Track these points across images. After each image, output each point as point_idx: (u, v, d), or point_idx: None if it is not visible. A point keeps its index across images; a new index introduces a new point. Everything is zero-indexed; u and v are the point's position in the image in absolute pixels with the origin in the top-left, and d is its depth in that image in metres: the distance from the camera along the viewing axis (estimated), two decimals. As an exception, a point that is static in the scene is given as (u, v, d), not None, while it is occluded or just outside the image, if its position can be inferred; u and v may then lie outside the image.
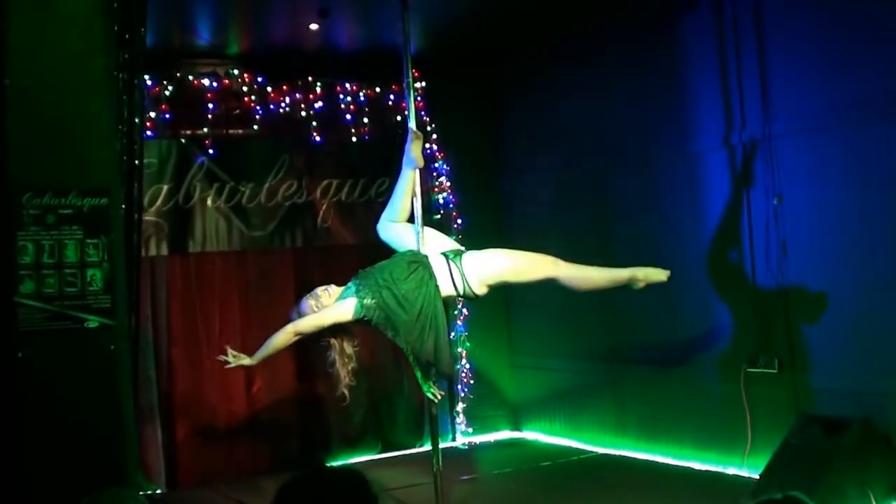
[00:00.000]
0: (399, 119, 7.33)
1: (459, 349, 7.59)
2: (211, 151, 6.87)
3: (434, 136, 7.54)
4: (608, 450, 6.90)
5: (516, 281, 4.87)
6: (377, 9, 6.28)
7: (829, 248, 5.42)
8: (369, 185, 7.37)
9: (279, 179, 7.11)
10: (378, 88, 7.40)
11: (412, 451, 7.40)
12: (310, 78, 7.21)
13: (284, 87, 7.12)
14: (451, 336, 7.41)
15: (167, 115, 6.74)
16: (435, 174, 7.59)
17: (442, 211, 7.58)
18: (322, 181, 7.27)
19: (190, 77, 6.84)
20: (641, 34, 6.57)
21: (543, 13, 6.72)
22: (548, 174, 7.47)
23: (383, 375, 7.42)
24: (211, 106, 6.87)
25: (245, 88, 7.00)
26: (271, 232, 7.11)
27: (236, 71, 6.99)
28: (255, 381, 7.03)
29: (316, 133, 7.21)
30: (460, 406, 7.63)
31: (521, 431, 7.84)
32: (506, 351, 7.95)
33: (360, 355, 7.17)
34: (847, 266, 5.34)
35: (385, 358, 7.22)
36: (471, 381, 7.65)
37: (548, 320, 7.52)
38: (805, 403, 5.53)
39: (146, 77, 5.65)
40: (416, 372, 4.99)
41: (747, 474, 5.72)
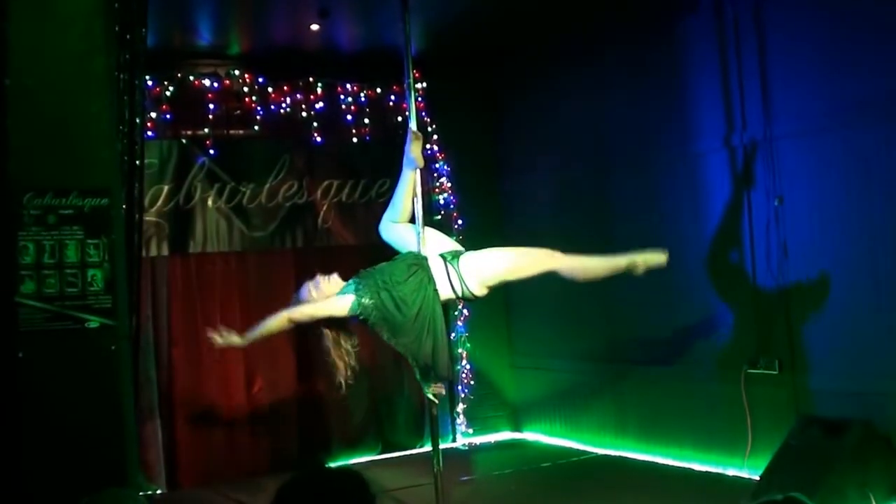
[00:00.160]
0: (400, 120, 7.33)
1: (460, 350, 7.59)
2: (212, 152, 6.87)
3: (435, 137, 7.55)
4: (608, 451, 6.90)
5: (516, 278, 4.84)
6: (378, 9, 6.29)
7: (830, 250, 5.41)
8: (370, 186, 7.38)
9: (280, 180, 7.11)
10: (379, 89, 7.41)
11: (412, 452, 7.39)
12: (310, 78, 7.21)
13: (285, 88, 7.12)
14: (452, 337, 7.42)
15: (168, 116, 6.74)
16: (435, 175, 7.59)
17: (443, 212, 7.58)
18: (323, 182, 7.28)
19: (191, 77, 6.85)
20: (642, 34, 6.57)
21: (543, 13, 6.72)
22: (548, 174, 7.47)
23: (383, 376, 7.42)
24: (212, 106, 6.87)
25: (246, 89, 7.00)
26: (272, 232, 7.11)
27: (237, 71, 7.00)
28: (256, 382, 7.04)
29: (317, 133, 7.22)
30: (461, 407, 7.63)
31: (522, 432, 7.83)
32: (506, 352, 7.95)
33: (361, 356, 7.22)
34: (847, 267, 5.33)
35: (385, 358, 7.21)
36: (471, 382, 7.65)
37: (548, 321, 7.52)
38: (805, 404, 5.53)
39: (147, 77, 5.64)
40: (416, 373, 4.98)
41: (747, 475, 5.71)
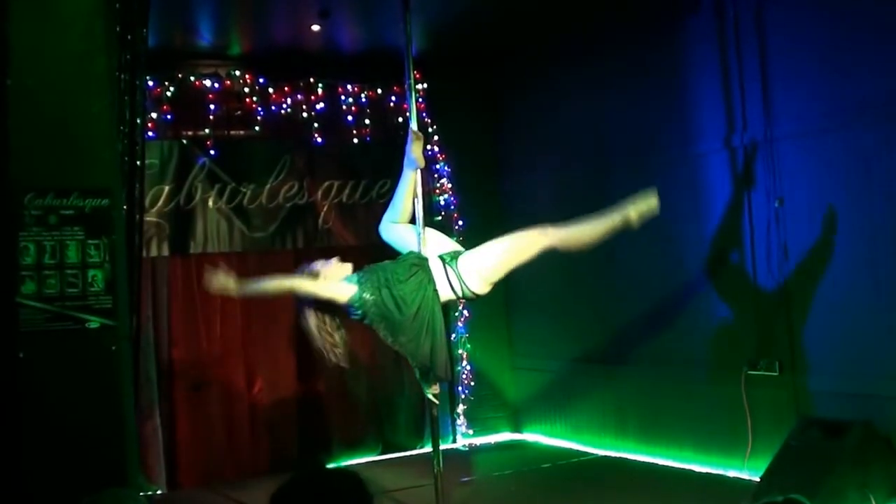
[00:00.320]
0: (400, 120, 7.33)
1: (460, 351, 7.59)
2: (212, 152, 6.87)
3: (435, 138, 7.55)
4: (608, 452, 6.89)
5: (516, 264, 4.76)
6: (378, 10, 6.29)
7: (830, 250, 5.41)
8: (370, 187, 7.37)
9: (280, 180, 7.11)
10: (379, 90, 7.40)
11: (413, 453, 7.39)
12: (311, 79, 7.21)
13: (286, 89, 7.12)
14: (452, 338, 7.42)
15: (168, 116, 6.74)
16: (436, 176, 7.59)
17: (443, 212, 7.58)
18: (323, 182, 7.28)
19: (191, 78, 6.85)
20: (642, 35, 6.57)
21: (544, 14, 6.72)
22: (548, 175, 7.46)
23: (384, 376, 7.42)
24: (212, 107, 6.87)
25: (246, 89, 7.00)
26: (272, 233, 7.11)
27: (238, 72, 7.00)
28: (256, 382, 7.04)
29: (317, 134, 7.22)
30: (461, 408, 7.63)
31: (522, 433, 7.83)
32: (506, 353, 7.94)
33: (361, 357, 7.26)
34: (848, 268, 5.33)
35: (385, 359, 7.22)
36: (471, 383, 7.65)
37: (548, 322, 7.52)
38: (805, 406, 5.53)
39: (148, 78, 5.65)
40: (416, 373, 4.99)
41: (748, 477, 5.71)
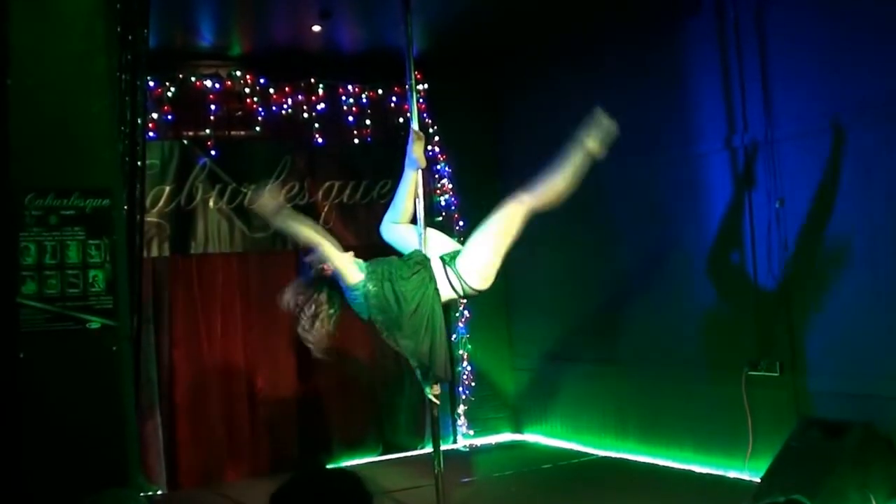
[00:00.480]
0: (401, 121, 7.33)
1: (461, 351, 7.59)
2: (213, 153, 6.87)
3: (436, 138, 7.54)
4: (609, 452, 6.89)
5: (509, 244, 4.68)
6: (379, 10, 6.29)
7: (831, 251, 5.41)
8: (371, 187, 7.37)
9: (281, 181, 7.11)
10: (380, 90, 7.40)
11: (413, 453, 7.38)
12: (312, 79, 7.21)
13: (287, 89, 7.12)
14: (453, 339, 7.42)
15: (169, 117, 6.74)
16: (437, 176, 7.59)
17: (444, 213, 7.58)
18: (324, 183, 7.28)
19: (192, 78, 6.85)
20: (642, 35, 6.57)
21: (544, 14, 6.71)
22: (549, 176, 7.45)
23: (384, 377, 7.41)
24: (213, 107, 6.87)
25: (247, 90, 7.00)
26: (273, 234, 7.10)
27: (238, 72, 7.00)
28: (257, 383, 7.04)
29: (318, 135, 7.22)
30: (461, 408, 7.63)
31: (522, 434, 7.83)
32: (507, 353, 7.94)
33: (362, 358, 7.26)
34: (848, 269, 5.32)
35: (386, 360, 7.22)
36: (472, 384, 7.65)
37: (549, 323, 7.52)
38: (806, 406, 5.52)
39: (148, 78, 5.65)
40: (417, 373, 4.99)
41: (748, 478, 5.71)
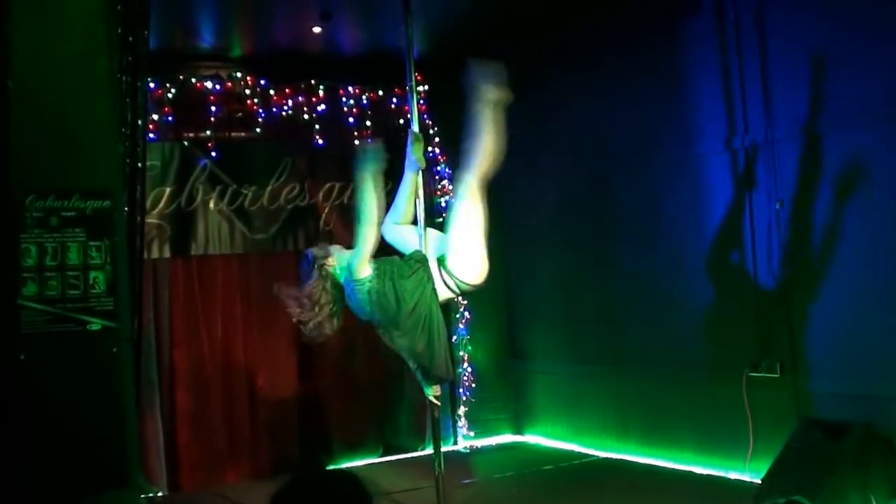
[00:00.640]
0: (402, 122, 7.33)
1: (461, 352, 7.59)
2: (213, 154, 6.87)
3: (437, 140, 7.54)
4: (610, 454, 6.89)
5: (483, 225, 4.67)
6: (379, 12, 6.29)
7: (831, 252, 5.41)
8: (372, 188, 7.36)
9: (282, 182, 7.12)
10: (381, 91, 7.40)
11: (414, 455, 7.38)
12: (312, 81, 7.21)
13: (287, 90, 7.13)
14: (454, 340, 7.42)
15: (170, 118, 6.75)
16: (437, 177, 7.59)
17: (444, 214, 7.57)
18: (324, 184, 7.28)
19: (193, 80, 6.85)
20: (643, 36, 6.57)
21: (544, 15, 6.71)
22: (550, 176, 7.46)
23: (385, 379, 7.41)
24: (214, 108, 6.87)
25: (248, 91, 7.01)
26: (273, 235, 7.12)
27: (239, 74, 7.00)
28: (257, 384, 7.03)
29: (318, 136, 7.22)
30: (462, 410, 7.63)
31: (523, 435, 7.83)
32: (507, 354, 7.94)
33: (361, 359, 7.25)
34: (848, 269, 5.32)
35: (386, 361, 7.21)
36: (473, 385, 7.65)
37: (549, 324, 7.52)
38: (807, 407, 5.52)
39: (149, 79, 5.65)
40: (417, 375, 4.99)
41: (749, 479, 5.70)
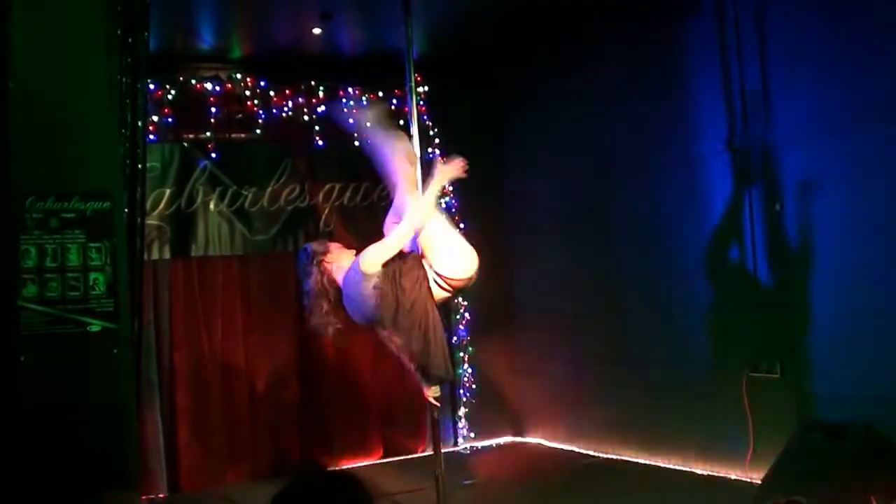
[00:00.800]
0: (402, 123, 7.31)
1: (462, 354, 7.58)
2: (213, 155, 6.87)
3: (436, 141, 7.54)
4: (610, 455, 6.89)
5: (443, 216, 4.82)
6: (379, 13, 6.29)
7: (831, 252, 5.41)
8: (371, 190, 7.35)
9: (282, 183, 7.11)
10: (380, 92, 7.40)
11: (414, 456, 7.38)
12: (312, 82, 7.21)
13: (287, 91, 7.12)
14: (454, 341, 7.42)
15: (170, 119, 6.74)
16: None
17: (445, 215, 7.56)
18: (324, 185, 7.28)
19: (193, 81, 6.84)
20: (643, 36, 6.57)
21: (544, 16, 6.71)
22: (550, 177, 7.46)
23: (385, 380, 7.40)
24: (213, 110, 6.87)
25: (248, 92, 7.00)
26: (274, 236, 7.11)
27: (239, 75, 7.00)
28: (257, 386, 7.03)
29: (318, 137, 7.22)
30: (462, 411, 7.63)
31: (524, 436, 7.83)
32: (508, 355, 7.94)
33: (362, 360, 7.25)
34: (849, 270, 5.32)
35: (387, 362, 7.20)
36: (473, 386, 7.65)
37: (550, 325, 7.51)
38: (807, 408, 5.52)
39: (149, 81, 5.65)
40: (417, 375, 4.99)
41: (749, 479, 5.70)
